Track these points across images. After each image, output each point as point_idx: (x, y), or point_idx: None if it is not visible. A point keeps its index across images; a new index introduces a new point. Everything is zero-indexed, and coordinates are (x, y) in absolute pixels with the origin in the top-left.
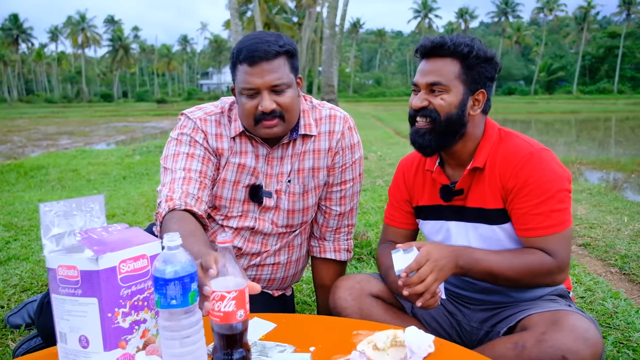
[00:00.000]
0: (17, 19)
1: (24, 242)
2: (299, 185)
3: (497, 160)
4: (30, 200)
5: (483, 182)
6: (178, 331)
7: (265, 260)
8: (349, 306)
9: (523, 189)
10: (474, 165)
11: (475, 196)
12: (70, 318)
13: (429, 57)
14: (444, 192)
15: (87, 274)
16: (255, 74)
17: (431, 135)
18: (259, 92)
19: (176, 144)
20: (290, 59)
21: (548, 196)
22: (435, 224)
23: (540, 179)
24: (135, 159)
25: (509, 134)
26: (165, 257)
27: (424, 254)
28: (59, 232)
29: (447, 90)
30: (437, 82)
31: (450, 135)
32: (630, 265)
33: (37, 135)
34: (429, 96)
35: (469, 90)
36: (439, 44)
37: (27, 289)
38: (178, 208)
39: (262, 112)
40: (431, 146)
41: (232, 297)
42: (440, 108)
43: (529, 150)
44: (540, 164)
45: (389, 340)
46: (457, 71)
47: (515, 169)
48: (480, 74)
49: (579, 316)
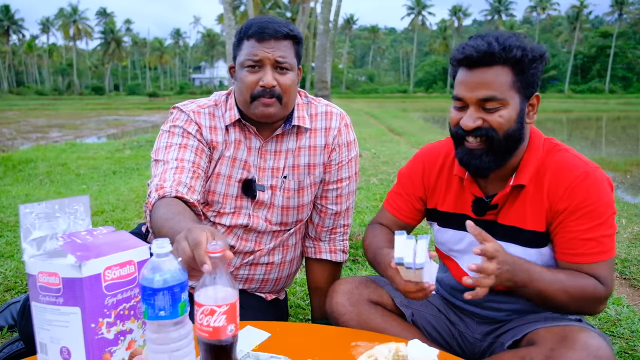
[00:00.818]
0: (8, 9)
1: (9, 238)
2: (294, 181)
3: (546, 178)
4: (17, 194)
5: (524, 200)
6: (167, 344)
7: (259, 260)
8: (347, 312)
9: (576, 212)
10: (518, 183)
11: (512, 213)
12: (51, 328)
13: (474, 66)
14: (478, 206)
15: (69, 281)
16: (262, 47)
17: (489, 156)
18: (262, 67)
19: (168, 136)
20: (296, 45)
21: (602, 221)
22: (456, 234)
23: (595, 202)
24: (125, 154)
25: (557, 147)
26: (154, 265)
27: (494, 249)
28: (40, 235)
29: (504, 104)
30: (491, 97)
31: (509, 152)
32: (631, 269)
33: (27, 127)
34: (482, 113)
35: (525, 97)
36: (488, 52)
37: (11, 289)
38: (168, 195)
39: (262, 88)
40: (490, 168)
41: (222, 311)
42: (498, 126)
43: (584, 169)
44: (596, 186)
45: (391, 354)
46: (510, 79)
47: (569, 190)
48: (534, 76)
49: (591, 333)
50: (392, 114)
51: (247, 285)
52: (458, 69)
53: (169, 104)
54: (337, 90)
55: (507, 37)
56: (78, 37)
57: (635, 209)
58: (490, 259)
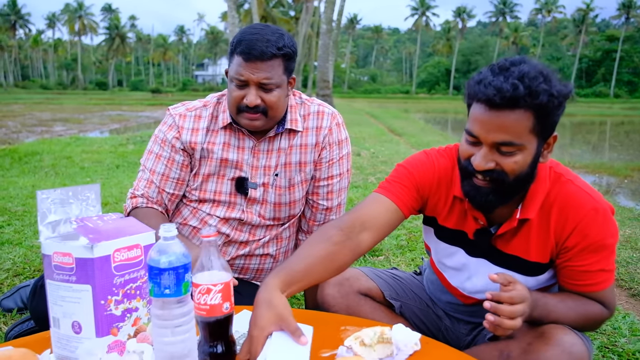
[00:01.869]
0: (15, 4)
1: (17, 227)
2: (285, 179)
3: (552, 212)
4: (24, 185)
5: (527, 232)
6: (170, 320)
7: (254, 251)
8: (337, 303)
9: (586, 248)
10: (525, 216)
11: (514, 243)
12: (64, 304)
13: (494, 108)
14: (481, 236)
15: (82, 261)
16: (248, 68)
17: (496, 196)
18: (248, 85)
19: (153, 140)
20: (287, 61)
21: (608, 252)
22: (451, 248)
23: (604, 237)
24: (129, 148)
25: (561, 177)
26: (161, 247)
27: (522, 294)
28: (55, 219)
29: (521, 149)
30: (508, 142)
31: (516, 192)
32: (620, 271)
33: (31, 121)
34: (496, 156)
35: (542, 139)
36: (513, 97)
37: (20, 274)
38: (140, 206)
39: (247, 106)
40: (495, 206)
41: (218, 289)
42: (511, 171)
43: (592, 205)
44: (606, 221)
45: (376, 336)
46: (531, 124)
47: (579, 228)
48: (557, 117)
49: (567, 331)
50: (393, 114)
51: (243, 274)
52: (473, 102)
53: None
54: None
55: (533, 77)
56: (83, 33)
57: (630, 213)
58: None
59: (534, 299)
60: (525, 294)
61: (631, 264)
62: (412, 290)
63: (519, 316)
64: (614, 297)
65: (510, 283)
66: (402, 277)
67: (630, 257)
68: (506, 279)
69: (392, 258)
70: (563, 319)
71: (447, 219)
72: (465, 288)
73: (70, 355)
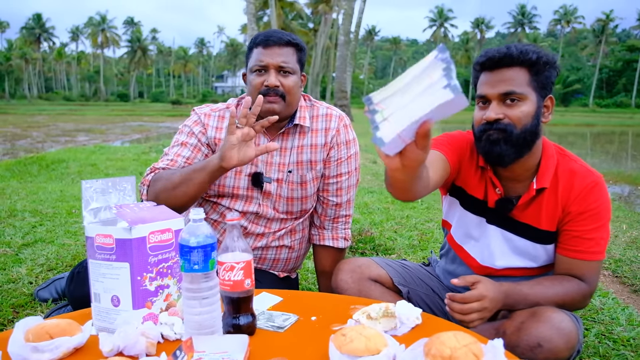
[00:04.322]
0: (40, 18)
1: (49, 227)
2: (297, 175)
3: (560, 183)
4: (52, 190)
5: (540, 202)
6: (198, 292)
7: (270, 243)
8: (349, 288)
9: (584, 214)
10: (542, 186)
11: (528, 212)
12: (104, 280)
13: (494, 68)
14: (503, 205)
15: (121, 241)
16: (267, 54)
17: (507, 145)
18: (267, 70)
19: (178, 133)
20: (299, 52)
21: (602, 224)
22: (475, 218)
23: (601, 206)
24: (151, 156)
25: (566, 156)
26: (190, 229)
27: (478, 293)
28: (97, 206)
29: (523, 98)
30: (511, 92)
31: (526, 146)
32: (623, 268)
33: (55, 131)
34: (504, 108)
35: (541, 96)
36: (507, 54)
37: (53, 268)
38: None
39: (267, 87)
40: (509, 156)
41: (240, 267)
42: (517, 120)
43: (592, 178)
44: (602, 193)
45: (382, 311)
46: (527, 78)
47: (581, 195)
48: (548, 79)
49: (557, 310)
50: None
51: (260, 264)
52: (480, 74)
53: None
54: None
55: (524, 44)
56: (106, 45)
57: (638, 216)
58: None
59: (504, 290)
60: (484, 292)
61: (635, 262)
62: (420, 278)
63: (473, 312)
64: (597, 276)
65: (474, 283)
66: (411, 266)
67: (635, 256)
68: (468, 280)
69: (404, 256)
70: (542, 298)
71: (475, 189)
72: (483, 258)
73: (110, 327)
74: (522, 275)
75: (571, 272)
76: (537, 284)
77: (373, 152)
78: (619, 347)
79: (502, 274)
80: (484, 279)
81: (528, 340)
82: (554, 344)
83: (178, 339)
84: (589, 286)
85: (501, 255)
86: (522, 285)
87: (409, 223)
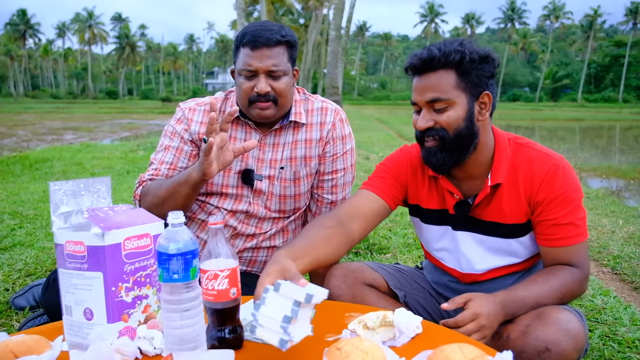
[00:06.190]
0: (25, 14)
1: (29, 229)
2: (290, 172)
3: (519, 174)
4: (35, 191)
5: (500, 197)
6: (179, 304)
7: (261, 244)
8: (343, 294)
9: (553, 201)
10: (496, 182)
11: (490, 210)
12: (76, 291)
13: (421, 73)
14: (460, 207)
15: (93, 249)
16: (256, 57)
17: (443, 153)
18: (257, 75)
19: (163, 135)
20: (290, 49)
21: (574, 206)
22: (439, 229)
23: (568, 189)
24: (139, 154)
25: (521, 145)
26: (169, 234)
27: (471, 312)
28: (67, 210)
29: (450, 103)
30: (437, 99)
31: (463, 149)
32: (622, 265)
33: (42, 129)
34: (434, 115)
35: (472, 96)
36: (428, 59)
37: (32, 274)
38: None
39: (257, 94)
40: (446, 164)
41: (225, 275)
42: (447, 125)
43: (552, 162)
44: (566, 175)
45: (379, 320)
46: (453, 81)
47: (544, 182)
48: (480, 76)
49: (563, 310)
50: (402, 120)
51: (250, 267)
52: (413, 78)
53: None
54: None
55: (449, 43)
56: (93, 42)
57: (634, 211)
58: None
59: (499, 301)
60: (477, 310)
61: (634, 259)
62: (415, 281)
63: (471, 334)
64: (587, 257)
65: (466, 302)
66: (405, 270)
67: (633, 252)
68: (458, 302)
69: (399, 255)
70: (540, 297)
71: (429, 201)
72: (461, 266)
73: (83, 342)
74: (510, 272)
75: (559, 261)
76: (531, 283)
77: (365, 147)
78: (624, 349)
79: (488, 277)
80: (475, 296)
81: (535, 345)
82: (562, 347)
83: (158, 354)
84: (582, 270)
85: (478, 258)
86: (517, 289)
87: (403, 220)
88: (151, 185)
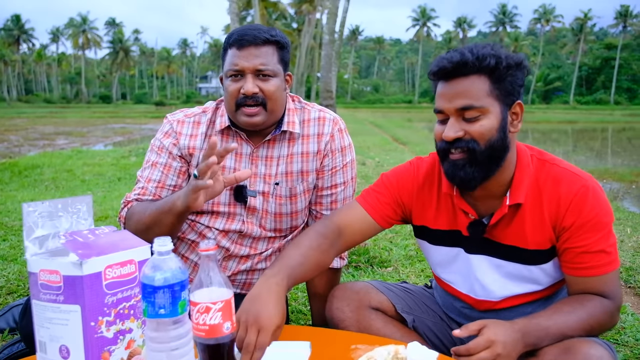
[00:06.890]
0: (19, 19)
1: (13, 242)
2: (286, 188)
3: (543, 195)
4: (22, 199)
5: (522, 219)
6: (166, 343)
7: (256, 266)
8: (347, 318)
9: (583, 226)
10: (515, 201)
11: (510, 233)
12: (51, 326)
13: (450, 78)
14: (475, 228)
15: (70, 279)
16: (242, 56)
17: (472, 167)
18: (244, 75)
19: (150, 149)
20: (280, 50)
21: (606, 231)
22: (450, 251)
23: (599, 214)
24: (131, 160)
25: (546, 162)
26: (155, 263)
27: (485, 339)
28: (42, 233)
29: (484, 112)
30: (468, 106)
31: (494, 163)
32: (636, 278)
33: (34, 134)
34: (463, 124)
35: (506, 105)
36: (462, 62)
37: (14, 292)
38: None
39: (244, 96)
40: (475, 179)
41: (218, 308)
42: (479, 136)
43: (581, 182)
44: (596, 197)
45: (390, 356)
46: (487, 88)
47: (572, 205)
48: (513, 84)
49: (594, 343)
50: (396, 123)
51: (245, 290)
52: (437, 84)
53: None
54: (343, 100)
55: (481, 47)
56: (87, 47)
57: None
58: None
59: (519, 329)
60: (492, 337)
61: None
62: (425, 303)
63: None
64: (618, 286)
65: (481, 329)
66: (414, 290)
67: None
68: (472, 329)
69: (401, 269)
70: (565, 328)
71: (438, 221)
72: (476, 292)
73: None
74: (530, 300)
75: (588, 291)
76: (555, 312)
77: (361, 152)
78: None
79: (506, 305)
80: (490, 322)
81: None
82: None
83: None
84: (613, 301)
85: (495, 285)
86: (540, 318)
87: (404, 230)
88: (135, 209)
